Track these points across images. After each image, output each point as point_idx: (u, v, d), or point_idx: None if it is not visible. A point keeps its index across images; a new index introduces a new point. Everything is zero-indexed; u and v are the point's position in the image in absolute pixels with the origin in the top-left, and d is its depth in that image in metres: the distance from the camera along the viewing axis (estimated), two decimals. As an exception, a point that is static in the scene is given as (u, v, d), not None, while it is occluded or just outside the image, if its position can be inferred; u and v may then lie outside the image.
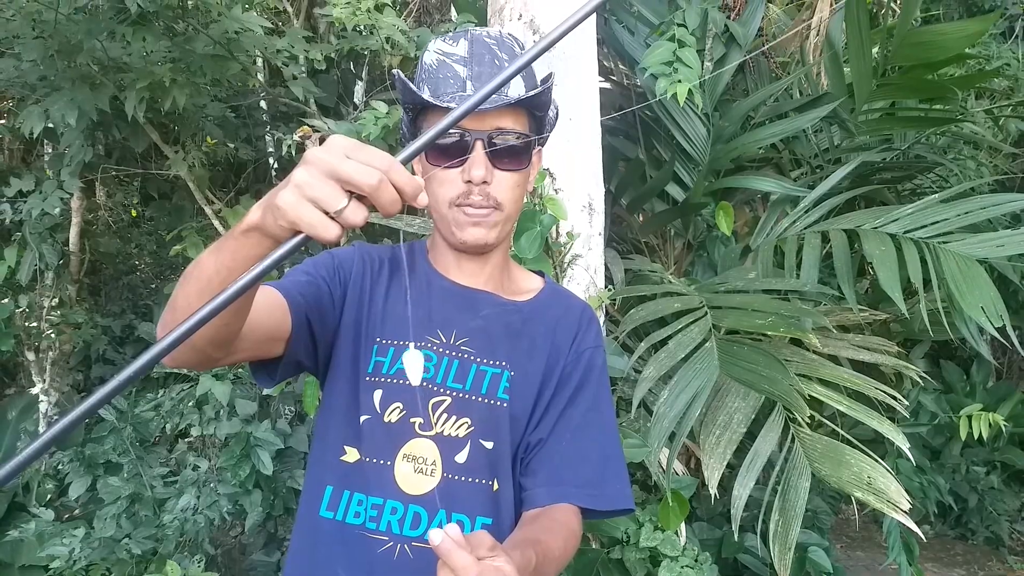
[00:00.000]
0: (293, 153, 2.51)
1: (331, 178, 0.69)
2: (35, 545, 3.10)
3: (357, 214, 0.70)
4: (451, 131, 1.13)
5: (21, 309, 3.87)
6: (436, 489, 1.13)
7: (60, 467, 3.29)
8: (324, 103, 3.43)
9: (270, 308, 1.07)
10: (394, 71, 1.18)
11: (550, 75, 1.20)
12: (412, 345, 0.95)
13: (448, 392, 1.18)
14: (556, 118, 1.29)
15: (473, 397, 1.18)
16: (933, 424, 4.66)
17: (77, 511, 3.50)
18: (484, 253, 1.26)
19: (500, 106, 1.13)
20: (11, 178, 3.35)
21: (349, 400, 1.20)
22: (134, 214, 4.84)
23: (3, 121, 4.01)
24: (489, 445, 1.17)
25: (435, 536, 0.78)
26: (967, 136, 4.01)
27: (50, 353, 4.05)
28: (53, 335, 3.96)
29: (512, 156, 1.18)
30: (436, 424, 1.16)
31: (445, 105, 1.12)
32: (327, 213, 0.69)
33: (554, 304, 1.32)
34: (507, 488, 1.19)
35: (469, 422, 1.17)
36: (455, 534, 0.79)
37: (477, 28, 1.23)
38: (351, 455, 1.17)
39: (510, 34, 1.24)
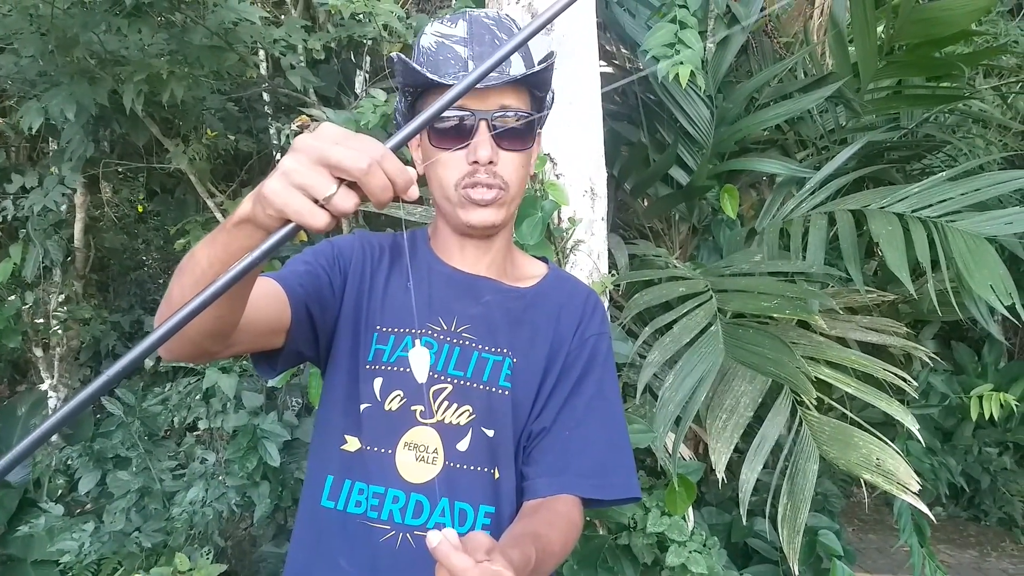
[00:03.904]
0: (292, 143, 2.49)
1: (319, 164, 0.68)
2: (46, 540, 3.12)
3: (347, 201, 0.68)
4: (454, 112, 1.11)
5: (28, 306, 3.88)
6: (438, 477, 1.12)
7: (70, 462, 3.31)
8: (325, 93, 3.41)
9: (269, 300, 1.06)
10: (393, 54, 1.16)
11: (551, 53, 1.18)
12: (417, 342, 0.94)
13: (449, 380, 1.17)
14: (552, 101, 1.27)
15: (474, 385, 1.17)
16: (944, 405, 4.63)
17: (88, 506, 3.52)
18: (489, 237, 1.24)
19: (504, 83, 1.12)
20: (13, 175, 3.35)
21: (349, 389, 1.19)
22: (140, 210, 4.85)
23: (6, 119, 4.02)
24: (490, 433, 1.16)
25: (432, 538, 0.77)
26: (975, 114, 3.97)
27: (58, 349, 4.07)
28: (60, 331, 3.97)
29: (517, 136, 1.16)
30: (437, 412, 1.15)
31: (450, 84, 1.10)
32: (316, 201, 0.68)
33: (558, 290, 1.30)
34: (509, 476, 1.17)
35: (471, 410, 1.16)
36: (452, 537, 0.77)
37: (475, 9, 1.22)
38: (352, 444, 1.16)
39: (508, 15, 1.22)
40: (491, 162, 1.14)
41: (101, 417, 3.46)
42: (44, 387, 4.07)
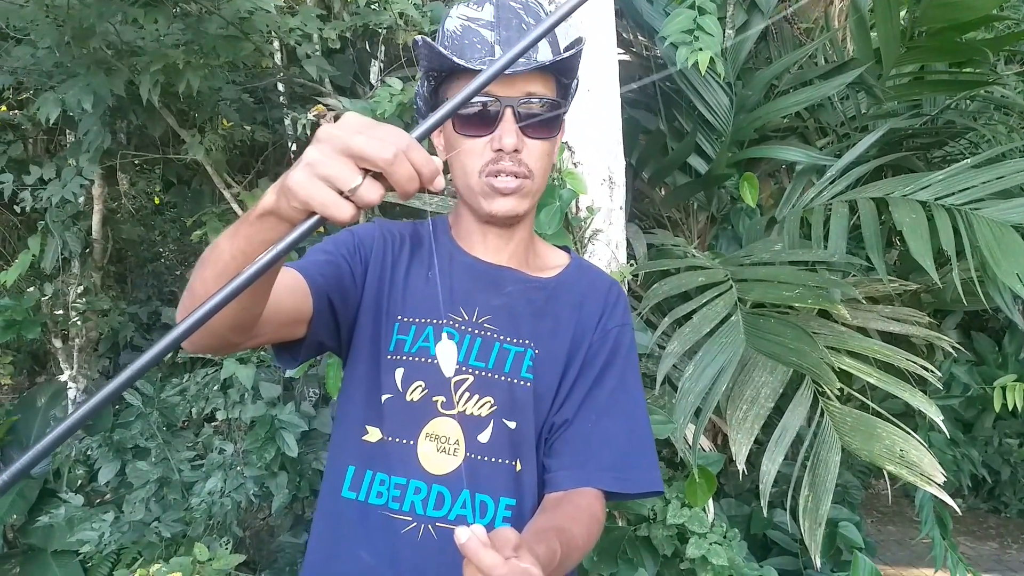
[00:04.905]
0: (308, 133, 2.48)
1: (344, 155, 0.66)
2: (66, 530, 3.15)
3: (372, 192, 0.66)
4: (478, 98, 1.10)
5: (47, 297, 3.91)
6: (460, 468, 1.11)
7: (89, 453, 3.33)
8: (340, 83, 3.40)
9: (290, 290, 1.05)
10: (417, 37, 1.14)
11: (579, 39, 1.16)
12: (445, 335, 0.92)
13: (471, 371, 1.15)
14: (576, 87, 1.25)
15: (496, 376, 1.16)
16: (965, 396, 4.59)
17: (107, 496, 3.54)
18: (511, 226, 1.22)
19: (530, 71, 1.10)
20: (31, 166, 3.36)
21: (370, 379, 1.18)
22: (157, 201, 4.86)
23: (23, 111, 4.03)
24: (512, 425, 1.15)
25: (461, 534, 0.76)
26: (998, 101, 3.91)
27: (77, 340, 4.09)
28: (79, 322, 3.99)
29: (542, 124, 1.14)
30: (459, 403, 1.14)
31: (477, 68, 1.08)
32: (341, 192, 0.66)
33: (580, 280, 1.28)
34: (530, 469, 1.16)
35: (492, 401, 1.14)
36: (481, 533, 0.76)
37: None
38: (373, 435, 1.15)
39: None
40: (516, 150, 1.12)
41: (120, 408, 3.48)
42: (63, 378, 4.09)
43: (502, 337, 1.18)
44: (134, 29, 2.53)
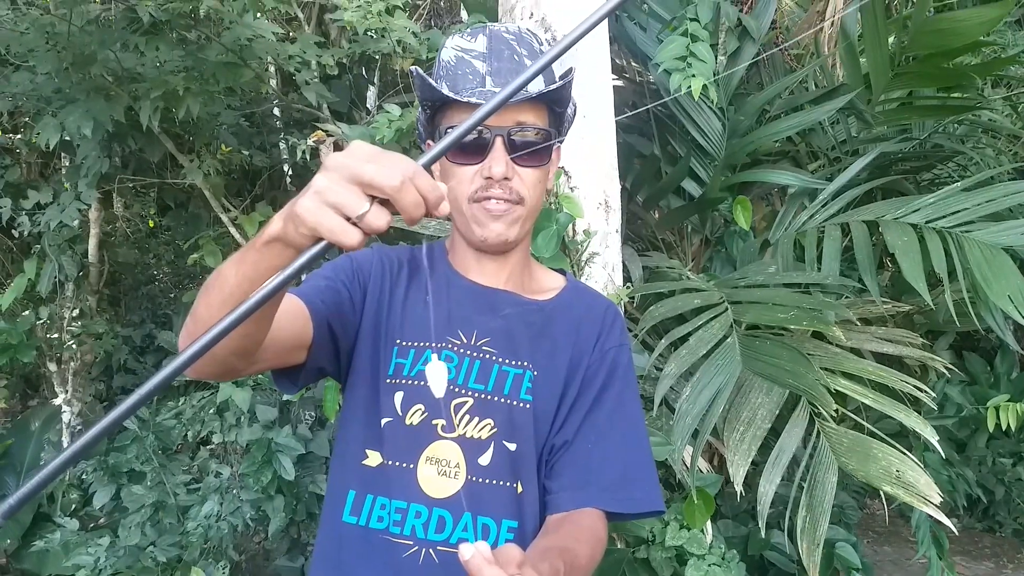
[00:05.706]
0: (308, 159, 2.51)
1: (352, 182, 0.68)
2: (61, 555, 3.12)
3: (380, 218, 0.68)
4: None
5: (42, 321, 3.90)
6: (462, 491, 1.12)
7: (84, 476, 3.32)
8: (337, 108, 3.43)
9: (292, 316, 1.05)
10: (412, 68, 1.16)
11: (570, 69, 1.18)
12: (435, 357, 0.94)
13: (470, 393, 1.16)
14: (574, 115, 1.27)
15: (495, 398, 1.17)
16: (959, 416, 4.60)
17: (102, 520, 3.52)
18: (505, 252, 1.24)
19: (520, 101, 1.12)
20: (29, 191, 3.38)
21: (370, 403, 1.18)
22: (152, 225, 4.87)
23: (20, 136, 4.05)
24: (512, 447, 1.15)
25: (465, 551, 0.76)
26: (985, 124, 3.96)
27: (72, 364, 4.08)
28: (74, 346, 3.98)
29: (533, 152, 1.16)
30: (459, 426, 1.15)
31: (465, 100, 1.10)
32: (348, 219, 0.68)
33: (577, 303, 1.30)
34: (531, 490, 1.17)
35: (492, 423, 1.15)
36: (484, 550, 0.77)
37: (495, 24, 1.22)
38: (373, 459, 1.16)
39: (529, 29, 1.22)
40: (506, 178, 1.14)
41: (115, 431, 3.46)
42: (57, 402, 4.08)
43: (501, 359, 1.19)
44: (135, 56, 2.55)
